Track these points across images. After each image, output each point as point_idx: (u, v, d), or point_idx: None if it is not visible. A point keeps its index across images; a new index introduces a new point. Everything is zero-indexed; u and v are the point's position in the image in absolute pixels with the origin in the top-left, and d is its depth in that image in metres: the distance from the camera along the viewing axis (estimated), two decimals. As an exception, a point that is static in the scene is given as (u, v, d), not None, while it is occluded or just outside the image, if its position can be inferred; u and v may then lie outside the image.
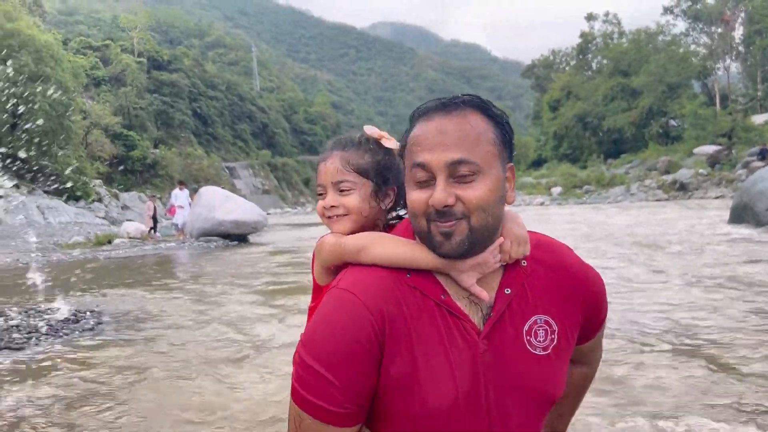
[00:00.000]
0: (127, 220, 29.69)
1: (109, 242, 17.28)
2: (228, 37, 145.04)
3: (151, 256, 13.21)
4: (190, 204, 18.11)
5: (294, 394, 1.12)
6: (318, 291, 1.39)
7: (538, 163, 62.19)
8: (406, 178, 1.16)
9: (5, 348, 4.35)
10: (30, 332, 4.83)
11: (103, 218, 33.21)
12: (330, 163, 1.37)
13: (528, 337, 1.17)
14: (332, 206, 1.35)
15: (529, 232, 1.25)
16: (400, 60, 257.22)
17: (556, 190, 37.51)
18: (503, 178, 1.14)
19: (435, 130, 1.11)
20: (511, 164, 1.17)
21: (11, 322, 5.13)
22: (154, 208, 20.06)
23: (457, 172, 1.08)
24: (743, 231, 10.65)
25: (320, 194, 1.38)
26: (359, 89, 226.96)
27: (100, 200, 37.05)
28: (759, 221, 10.87)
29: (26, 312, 5.59)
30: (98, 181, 39.11)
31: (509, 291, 1.17)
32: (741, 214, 11.79)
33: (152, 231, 19.06)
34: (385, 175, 1.37)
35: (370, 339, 1.09)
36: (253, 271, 9.01)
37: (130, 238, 18.21)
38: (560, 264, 1.23)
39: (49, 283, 8.46)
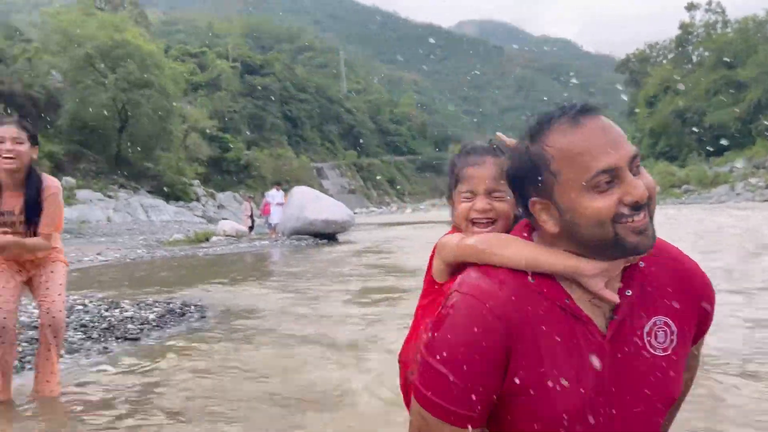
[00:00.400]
0: (223, 218, 31.09)
1: (207, 239, 18.16)
2: (317, 41, 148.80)
3: (247, 253, 13.75)
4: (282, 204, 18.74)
5: (417, 394, 1.13)
6: (431, 289, 1.43)
7: (633, 162, 59.58)
8: (573, 188, 1.07)
9: (121, 338, 4.67)
10: (142, 323, 5.16)
11: (201, 217, 34.98)
12: (485, 169, 1.43)
13: (648, 338, 1.16)
14: (485, 210, 1.41)
15: None
16: (486, 58, 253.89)
17: (653, 189, 35.75)
18: None
19: (600, 131, 1.07)
20: None
21: (126, 314, 5.49)
22: (251, 208, 20.92)
23: (634, 165, 1.07)
24: None
25: (467, 198, 1.43)
26: (445, 89, 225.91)
27: (197, 200, 39.03)
28: None
29: (138, 304, 5.97)
30: (196, 182, 41.20)
31: (630, 293, 1.15)
32: None
33: (250, 230, 19.89)
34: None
35: (497, 345, 1.08)
36: (345, 270, 9.18)
37: (226, 235, 19.06)
38: (675, 265, 1.22)
39: (156, 278, 9.00)
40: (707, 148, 50.15)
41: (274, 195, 19.26)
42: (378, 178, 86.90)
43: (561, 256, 1.13)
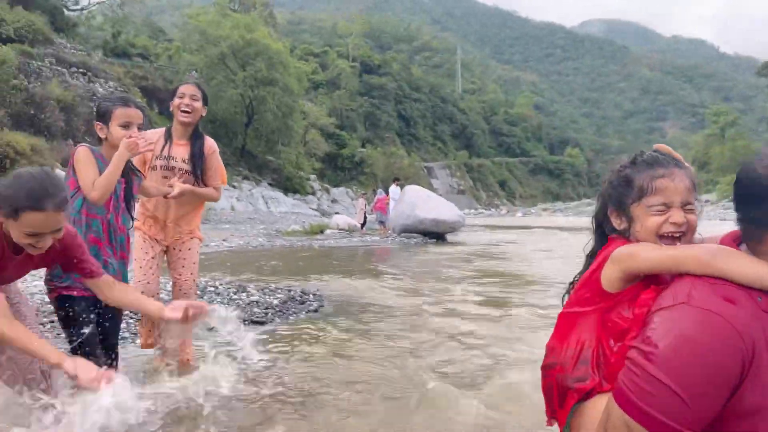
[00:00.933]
0: (336, 213, 32.15)
1: (321, 232, 18.95)
2: (435, 41, 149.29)
3: (360, 247, 14.21)
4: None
5: (628, 405, 1.12)
6: (595, 298, 1.39)
7: (772, 174, 54.45)
8: None
9: (248, 320, 5.08)
10: (267, 308, 5.56)
11: (315, 210, 36.39)
12: (680, 181, 1.37)
13: None
14: (681, 223, 1.36)
15: None
16: (610, 59, 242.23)
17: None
18: None
19: None
20: None
21: (252, 298, 5.94)
22: (364, 204, 21.57)
23: None
24: None
25: (660, 212, 1.37)
26: (564, 90, 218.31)
27: (313, 193, 40.60)
28: None
29: (262, 290, 6.42)
30: (313, 176, 42.86)
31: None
32: None
33: (362, 226, 20.48)
34: None
35: (737, 367, 1.05)
36: (456, 271, 9.27)
37: (339, 229, 19.79)
38: None
39: (276, 266, 9.58)
40: None
41: (394, 191, 19.20)
42: (488, 179, 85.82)
43: None
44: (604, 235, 1.51)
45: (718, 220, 20.95)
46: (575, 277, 1.57)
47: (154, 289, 3.38)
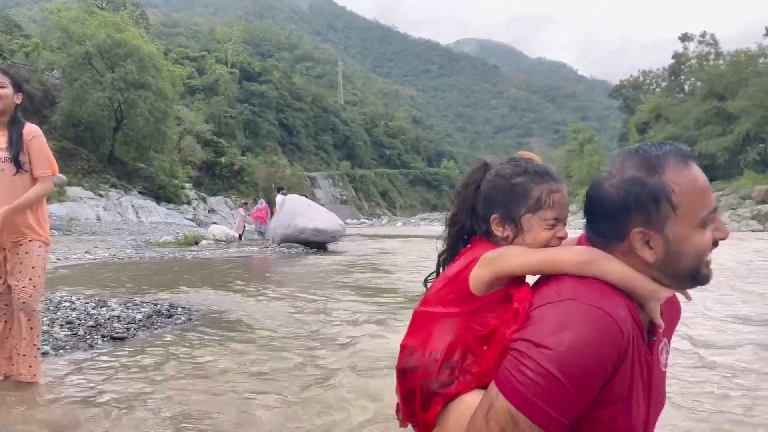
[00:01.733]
0: (213, 223, 31.05)
1: (196, 243, 18.17)
2: (316, 51, 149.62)
3: (236, 258, 13.78)
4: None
5: (514, 395, 1.13)
6: (455, 297, 1.37)
7: (622, 187, 59.94)
8: (687, 222, 1.18)
9: (108, 336, 4.72)
10: (129, 323, 5.20)
11: (191, 220, 34.90)
12: (566, 196, 1.37)
13: (660, 356, 1.30)
14: (564, 238, 1.38)
15: None
16: (483, 77, 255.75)
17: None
18: None
19: (702, 174, 1.20)
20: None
21: (112, 313, 5.54)
22: (245, 214, 21.02)
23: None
24: None
25: (551, 226, 1.36)
26: (440, 105, 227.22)
27: (188, 203, 38.94)
28: None
29: (125, 304, 6.01)
30: (188, 185, 41.12)
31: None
32: None
33: (240, 237, 19.91)
34: None
35: (616, 359, 1.12)
36: (333, 279, 9.25)
37: (216, 240, 19.08)
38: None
39: (143, 279, 9.02)
40: (696, 177, 50.62)
41: (280, 200, 18.62)
42: (371, 189, 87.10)
43: (646, 279, 1.22)
44: (463, 237, 1.51)
45: (577, 229, 22.67)
46: (429, 276, 1.55)
47: None
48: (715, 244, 1.20)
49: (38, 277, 3.23)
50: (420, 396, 1.38)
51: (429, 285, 1.51)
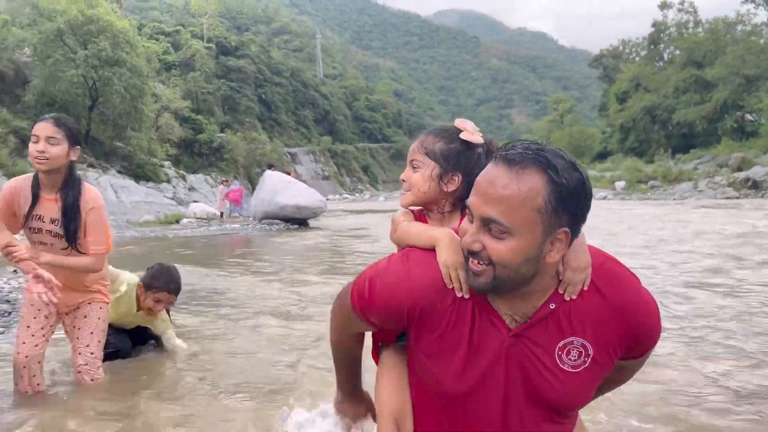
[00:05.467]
0: (194, 201, 30.85)
1: (177, 221, 18.12)
2: (294, 24, 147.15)
3: (219, 236, 13.79)
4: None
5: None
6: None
7: (602, 156, 60.48)
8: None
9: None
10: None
11: (171, 198, 34.57)
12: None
13: (560, 353, 1.29)
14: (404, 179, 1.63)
15: (597, 254, 1.32)
16: (463, 48, 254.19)
17: (620, 184, 36.47)
18: (540, 242, 1.18)
19: (489, 179, 1.19)
20: (565, 230, 1.19)
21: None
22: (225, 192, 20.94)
23: (489, 226, 1.18)
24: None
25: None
26: (421, 78, 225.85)
27: (168, 181, 38.52)
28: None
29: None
30: (167, 163, 40.64)
31: (553, 306, 1.28)
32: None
33: (222, 215, 19.86)
34: (450, 161, 1.54)
35: (408, 307, 1.35)
36: (313, 254, 9.32)
37: (197, 218, 19.03)
38: (615, 297, 1.29)
39: (123, 258, 9.03)
40: (674, 145, 51.34)
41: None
42: (352, 165, 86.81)
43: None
44: None
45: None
46: None
47: (33, 354, 2.80)
48: (470, 252, 1.27)
49: (97, 342, 2.96)
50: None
51: None
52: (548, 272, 1.25)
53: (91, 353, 2.91)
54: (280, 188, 16.39)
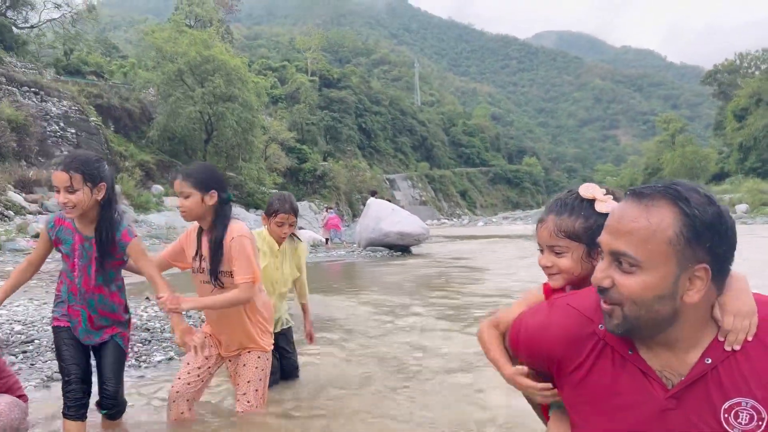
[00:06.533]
0: (300, 228, 32.01)
1: (286, 248, 18.83)
2: (392, 54, 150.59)
3: (325, 262, 14.22)
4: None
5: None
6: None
7: (719, 177, 56.53)
8: None
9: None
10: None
11: (278, 225, 36.05)
12: (544, 228, 1.61)
13: (726, 415, 1.16)
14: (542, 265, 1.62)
15: (764, 303, 1.21)
16: (564, 69, 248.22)
17: (741, 207, 33.92)
18: (674, 279, 1.12)
19: (618, 215, 1.18)
20: (704, 266, 1.12)
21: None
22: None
23: (620, 260, 1.16)
24: None
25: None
26: (520, 101, 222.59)
27: (275, 209, 40.24)
28: None
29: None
30: (274, 191, 42.58)
31: (710, 361, 1.18)
32: None
33: (327, 241, 20.47)
34: (595, 236, 1.32)
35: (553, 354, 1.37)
36: (423, 283, 9.40)
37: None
38: None
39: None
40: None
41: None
42: (450, 189, 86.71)
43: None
44: None
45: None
46: None
47: (183, 391, 2.89)
48: (600, 290, 1.22)
49: (254, 391, 2.97)
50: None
51: None
52: (692, 316, 1.16)
53: (248, 402, 2.96)
54: (384, 215, 16.68)
